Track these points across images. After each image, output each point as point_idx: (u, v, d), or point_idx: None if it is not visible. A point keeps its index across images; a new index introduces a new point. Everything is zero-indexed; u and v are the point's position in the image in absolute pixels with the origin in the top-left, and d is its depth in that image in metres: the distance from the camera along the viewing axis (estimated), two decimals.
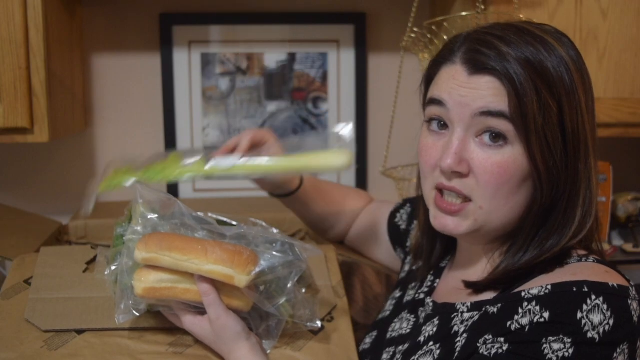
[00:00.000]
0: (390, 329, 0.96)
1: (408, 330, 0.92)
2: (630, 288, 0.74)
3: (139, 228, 0.87)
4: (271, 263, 0.86)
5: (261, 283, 0.86)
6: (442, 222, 0.83)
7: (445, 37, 1.27)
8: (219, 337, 0.83)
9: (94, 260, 1.01)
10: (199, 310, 0.85)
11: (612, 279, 0.74)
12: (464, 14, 1.27)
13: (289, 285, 0.86)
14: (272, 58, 1.59)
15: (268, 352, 0.87)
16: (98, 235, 1.30)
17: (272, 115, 1.61)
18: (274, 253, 0.88)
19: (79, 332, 0.87)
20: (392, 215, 1.15)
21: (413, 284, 1.00)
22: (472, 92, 0.78)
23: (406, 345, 0.89)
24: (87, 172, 1.59)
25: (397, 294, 1.03)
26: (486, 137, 0.78)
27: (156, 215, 0.88)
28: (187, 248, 0.81)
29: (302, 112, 1.61)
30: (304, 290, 0.93)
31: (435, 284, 0.94)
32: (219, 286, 0.83)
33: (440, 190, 0.82)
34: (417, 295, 0.96)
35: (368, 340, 0.99)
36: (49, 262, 1.00)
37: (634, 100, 1.37)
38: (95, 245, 1.07)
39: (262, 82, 1.59)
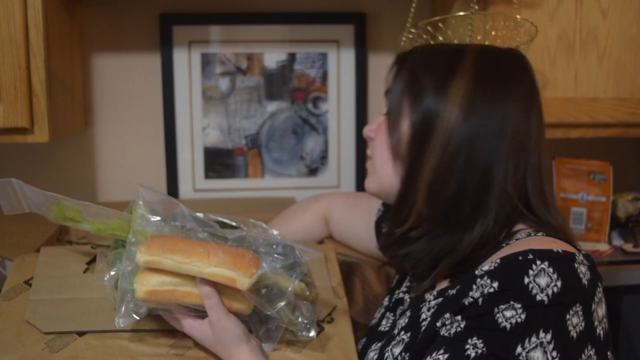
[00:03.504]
0: (377, 332, 0.98)
1: (387, 328, 0.95)
2: (577, 254, 0.76)
3: (139, 229, 0.87)
4: (272, 266, 0.86)
5: (262, 286, 0.86)
6: (365, 183, 0.96)
7: (440, 38, 1.27)
8: (219, 340, 0.83)
9: (94, 260, 1.00)
10: (199, 314, 0.85)
11: (558, 246, 0.77)
12: (460, 14, 1.27)
13: (289, 289, 0.86)
14: (272, 58, 1.59)
15: (267, 354, 0.87)
16: (98, 235, 1.30)
17: (272, 115, 1.61)
18: (276, 256, 0.88)
19: (80, 334, 0.87)
20: (378, 226, 1.16)
21: (398, 289, 1.02)
22: None
23: (384, 340, 0.91)
24: (87, 172, 1.60)
25: (386, 302, 1.05)
26: None
27: (158, 218, 0.88)
28: (190, 250, 0.81)
29: (302, 112, 1.61)
30: (307, 293, 0.93)
31: (414, 283, 0.96)
32: (220, 289, 0.83)
33: None
34: (397, 296, 0.99)
35: (359, 347, 1.00)
36: (49, 263, 1.00)
37: (634, 100, 1.37)
38: (95, 245, 1.07)
39: (262, 82, 1.59)
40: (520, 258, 0.75)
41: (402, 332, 0.86)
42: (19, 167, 1.57)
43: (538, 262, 0.74)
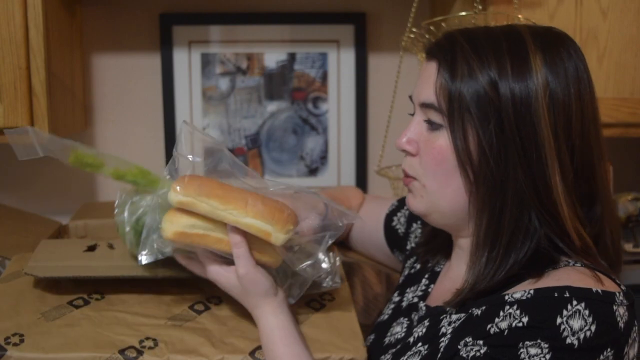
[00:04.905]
0: (388, 334, 0.96)
1: (402, 334, 0.92)
2: (617, 294, 0.73)
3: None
4: (309, 225, 0.84)
5: (296, 244, 0.84)
6: (406, 200, 0.89)
7: None
8: (247, 290, 0.81)
9: (94, 246, 1.00)
10: (226, 260, 0.82)
11: (598, 284, 0.73)
12: (462, 14, 1.27)
13: (320, 250, 0.84)
14: (272, 58, 1.59)
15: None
16: (98, 235, 1.30)
17: (272, 115, 1.61)
18: (314, 215, 0.85)
19: (76, 307, 0.87)
20: (389, 219, 1.14)
21: (411, 288, 1.00)
22: (422, 80, 0.83)
23: (398, 347, 0.89)
24: (87, 172, 1.59)
25: (396, 297, 1.03)
26: (428, 123, 0.83)
27: (198, 159, 0.84)
28: (228, 197, 0.77)
29: (302, 112, 1.61)
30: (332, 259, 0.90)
31: (430, 289, 0.95)
32: (251, 239, 0.80)
33: None
34: (411, 299, 0.96)
35: (367, 344, 0.99)
36: (49, 245, 1.00)
37: (634, 100, 1.37)
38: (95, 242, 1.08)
39: (262, 82, 1.59)
40: (555, 295, 0.71)
41: (420, 344, 0.84)
42: (19, 167, 1.57)
43: (574, 302, 0.70)
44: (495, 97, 0.75)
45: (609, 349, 0.69)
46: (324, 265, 0.86)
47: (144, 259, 0.81)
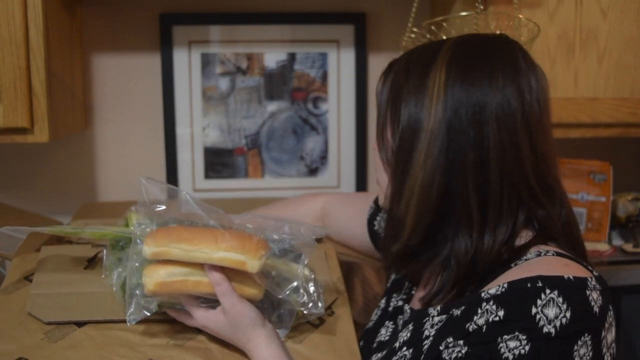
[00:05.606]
0: (376, 339, 0.97)
1: (387, 338, 0.93)
2: (589, 279, 0.73)
3: (144, 225, 0.86)
4: (282, 245, 0.86)
5: (272, 268, 0.85)
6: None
7: (444, 37, 1.27)
8: (235, 326, 0.82)
9: (94, 258, 1.01)
10: (210, 304, 0.84)
11: (570, 271, 0.74)
12: (463, 14, 1.27)
13: (299, 270, 0.86)
14: (272, 58, 1.59)
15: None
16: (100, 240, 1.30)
17: (272, 115, 1.61)
18: (284, 235, 0.87)
19: (79, 325, 0.87)
20: (370, 223, 1.15)
21: (396, 293, 1.01)
22: None
23: (384, 352, 0.90)
24: (87, 172, 1.60)
25: (382, 303, 1.03)
26: None
27: (163, 207, 0.88)
28: (197, 238, 0.81)
29: (302, 112, 1.61)
30: (313, 276, 0.91)
31: (413, 291, 0.96)
32: (230, 276, 0.82)
33: None
34: (397, 303, 0.97)
35: None
36: (49, 260, 1.00)
37: (634, 100, 1.37)
38: (95, 245, 1.07)
39: (262, 82, 1.59)
40: (528, 285, 0.72)
41: (404, 348, 0.84)
42: (19, 167, 1.57)
43: (547, 291, 0.71)
44: (403, 96, 0.82)
45: (586, 334, 0.70)
46: (310, 288, 0.87)
47: (131, 319, 0.83)
